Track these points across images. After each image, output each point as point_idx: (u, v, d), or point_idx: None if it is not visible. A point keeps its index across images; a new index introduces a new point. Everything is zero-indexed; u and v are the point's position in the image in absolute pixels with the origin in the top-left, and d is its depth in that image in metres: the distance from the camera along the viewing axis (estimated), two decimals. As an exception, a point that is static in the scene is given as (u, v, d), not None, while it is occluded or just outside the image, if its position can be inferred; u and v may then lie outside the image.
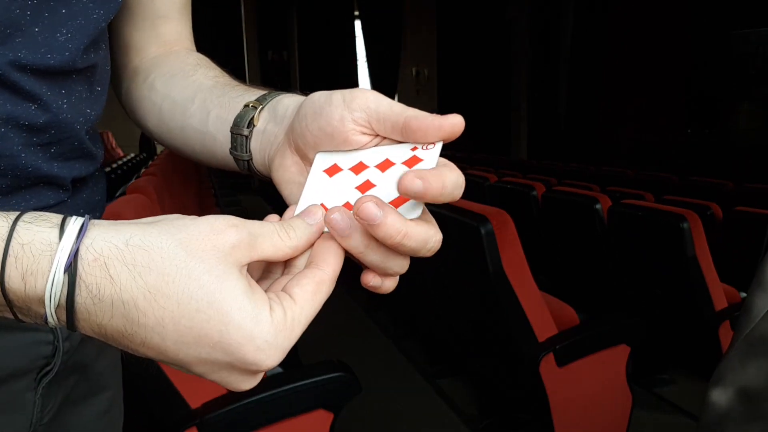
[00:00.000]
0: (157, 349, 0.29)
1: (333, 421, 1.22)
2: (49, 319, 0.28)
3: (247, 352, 0.29)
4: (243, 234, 0.30)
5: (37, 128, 0.41)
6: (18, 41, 0.38)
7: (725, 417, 0.53)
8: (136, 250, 0.28)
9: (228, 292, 0.28)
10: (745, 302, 0.54)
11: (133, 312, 0.28)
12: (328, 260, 0.33)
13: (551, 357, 1.53)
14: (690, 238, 1.82)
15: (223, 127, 0.45)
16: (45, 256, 0.27)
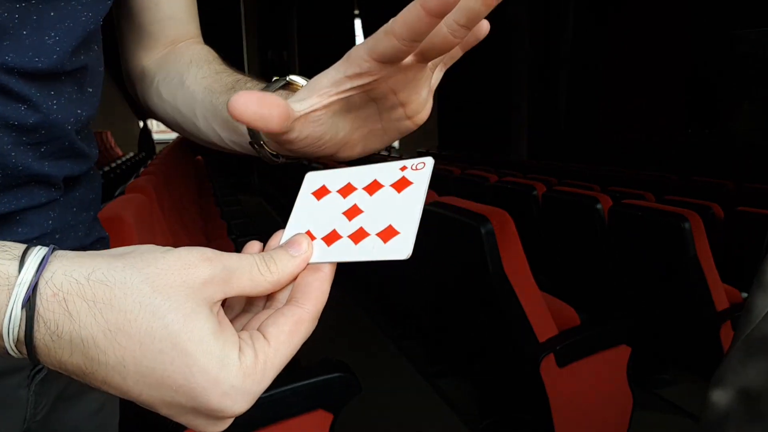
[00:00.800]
0: (119, 389, 0.28)
1: (333, 422, 1.22)
2: (10, 352, 0.27)
3: (212, 398, 0.27)
4: (217, 269, 0.28)
5: (27, 128, 0.41)
6: (5, 44, 0.38)
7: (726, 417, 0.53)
8: (98, 285, 0.26)
9: (194, 333, 0.27)
10: (746, 303, 0.54)
11: (93, 350, 0.26)
12: (309, 297, 0.31)
13: (551, 357, 1.52)
14: (691, 238, 1.81)
15: (245, 148, 0.46)
16: (3, 290, 0.26)
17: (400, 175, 0.36)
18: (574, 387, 1.60)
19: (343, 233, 0.35)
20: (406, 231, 0.34)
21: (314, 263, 0.33)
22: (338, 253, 0.34)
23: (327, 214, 0.36)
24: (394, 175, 0.37)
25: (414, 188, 0.35)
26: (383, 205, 0.35)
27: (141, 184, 1.91)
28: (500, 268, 1.51)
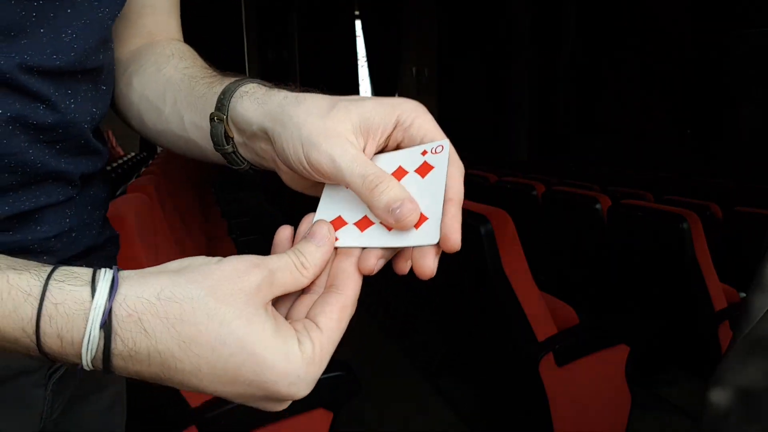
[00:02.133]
0: (195, 388, 0.30)
1: (333, 421, 1.22)
2: (85, 367, 0.29)
3: (281, 389, 0.30)
4: (264, 273, 0.31)
5: (45, 128, 0.41)
6: (23, 43, 0.38)
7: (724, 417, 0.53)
8: (168, 303, 0.29)
9: (258, 335, 0.30)
10: (744, 302, 0.54)
11: (170, 361, 0.29)
12: (348, 284, 0.34)
13: (551, 357, 1.53)
14: (690, 238, 1.82)
15: (203, 135, 0.44)
16: (79, 315, 0.28)
17: (422, 160, 0.37)
18: (572, 386, 1.60)
19: (375, 219, 0.36)
20: (432, 216, 0.34)
21: (346, 248, 0.35)
22: (370, 239, 0.35)
23: (357, 199, 0.36)
24: (416, 160, 0.37)
25: (435, 172, 0.36)
26: (410, 191, 0.35)
27: (142, 184, 1.91)
28: (500, 267, 1.51)
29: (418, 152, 0.37)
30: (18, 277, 0.28)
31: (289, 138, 0.36)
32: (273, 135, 0.38)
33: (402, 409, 2.06)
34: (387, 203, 0.33)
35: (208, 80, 0.46)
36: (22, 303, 0.28)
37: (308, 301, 0.34)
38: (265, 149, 0.41)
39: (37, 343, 0.28)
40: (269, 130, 0.38)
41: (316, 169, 0.36)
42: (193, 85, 0.46)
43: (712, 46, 5.71)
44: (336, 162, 0.35)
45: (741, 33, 5.44)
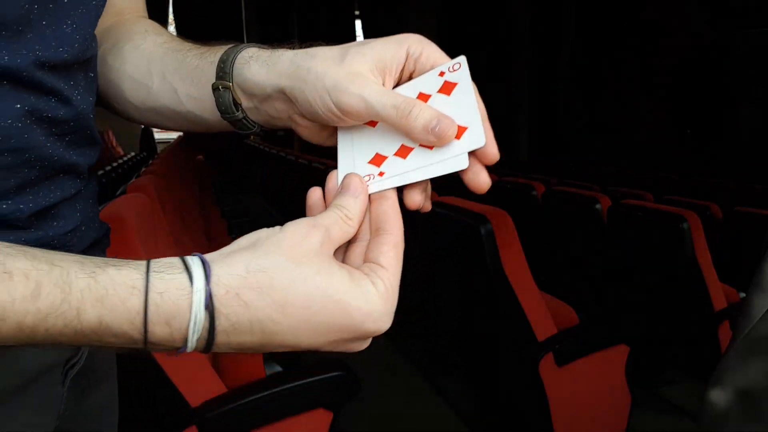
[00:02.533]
0: (292, 345, 0.33)
1: (333, 421, 1.22)
2: (187, 349, 0.32)
3: (368, 326, 0.34)
4: (322, 230, 0.34)
5: (59, 120, 0.41)
6: (30, 37, 0.38)
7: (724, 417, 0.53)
8: (257, 273, 0.32)
9: (339, 285, 0.33)
10: (744, 302, 0.54)
11: (270, 326, 0.32)
12: (393, 224, 0.37)
13: (550, 357, 1.53)
14: (690, 238, 1.82)
15: (205, 108, 0.46)
16: (183, 300, 0.30)
17: (441, 81, 0.39)
18: (572, 386, 1.60)
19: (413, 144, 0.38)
20: (472, 123, 0.37)
21: (381, 191, 0.37)
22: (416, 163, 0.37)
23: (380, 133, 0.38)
24: (435, 82, 0.39)
25: (461, 87, 0.38)
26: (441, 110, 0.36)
27: (142, 184, 1.91)
28: (500, 267, 1.51)
29: (435, 75, 0.39)
30: (119, 273, 0.30)
31: (313, 90, 0.38)
32: (294, 92, 0.40)
33: (402, 409, 2.06)
34: (424, 125, 0.36)
35: (195, 51, 0.46)
36: (128, 296, 0.30)
37: (359, 249, 0.37)
38: (280, 109, 0.43)
39: (144, 332, 0.30)
40: (288, 89, 0.40)
41: (348, 111, 0.38)
42: (181, 57, 0.47)
43: (712, 46, 5.71)
44: (367, 100, 0.37)
45: (741, 33, 5.44)
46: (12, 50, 0.36)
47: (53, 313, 0.29)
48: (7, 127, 0.37)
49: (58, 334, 0.29)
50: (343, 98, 0.37)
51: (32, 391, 0.44)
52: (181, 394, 1.08)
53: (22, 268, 0.29)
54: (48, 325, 0.29)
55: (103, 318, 0.29)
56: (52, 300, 0.28)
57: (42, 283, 0.28)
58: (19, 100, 0.38)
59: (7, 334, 0.28)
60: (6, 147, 0.38)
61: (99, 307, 0.29)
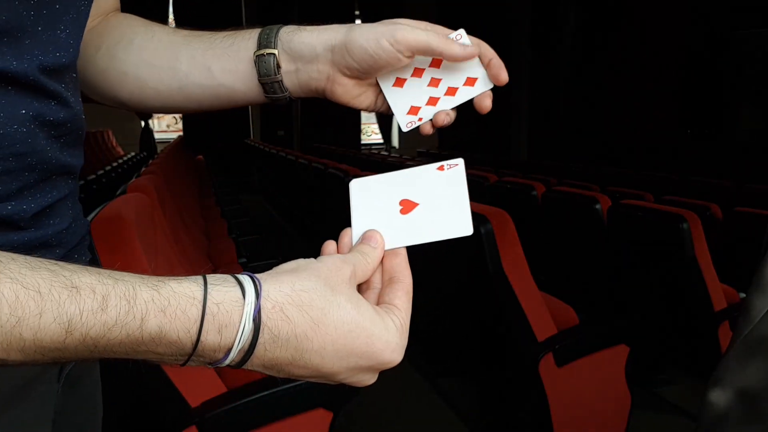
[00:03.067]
0: (314, 368, 0.36)
1: (332, 420, 1.22)
2: (226, 361, 0.34)
3: (386, 355, 0.38)
4: (350, 267, 0.39)
5: (58, 123, 0.43)
6: (28, 43, 0.39)
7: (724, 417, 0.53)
8: (301, 293, 0.35)
9: (365, 314, 0.37)
10: (744, 303, 0.54)
11: (304, 342, 0.35)
12: (404, 273, 0.42)
13: (550, 357, 1.53)
14: (689, 238, 1.82)
15: (239, 78, 0.52)
16: (236, 311, 0.33)
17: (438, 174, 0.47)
18: (572, 386, 1.60)
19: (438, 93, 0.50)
20: (479, 75, 0.50)
21: (391, 250, 0.43)
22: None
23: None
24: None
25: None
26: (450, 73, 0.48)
27: (142, 184, 1.91)
28: (500, 267, 1.51)
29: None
30: (179, 286, 0.33)
31: (366, 35, 0.48)
32: (346, 44, 0.48)
33: (402, 409, 2.06)
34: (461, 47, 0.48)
35: (220, 35, 0.53)
36: (189, 306, 0.32)
37: (372, 295, 0.42)
38: (322, 69, 0.50)
39: (197, 340, 0.32)
40: (338, 44, 0.49)
41: (403, 41, 0.47)
42: (207, 40, 0.53)
43: (712, 46, 5.71)
44: (417, 32, 0.48)
45: (741, 33, 5.44)
46: (17, 56, 0.38)
47: (119, 324, 0.30)
48: (14, 133, 0.39)
49: (117, 344, 0.31)
50: (398, 33, 0.47)
51: (34, 390, 0.45)
52: (181, 394, 1.08)
53: (88, 283, 0.30)
54: (111, 336, 0.30)
55: (163, 327, 0.31)
56: (119, 311, 0.30)
57: (109, 296, 0.30)
58: (24, 106, 0.39)
59: (69, 346, 0.30)
60: (11, 152, 0.39)
61: (161, 316, 0.31)
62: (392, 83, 0.51)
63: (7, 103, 0.38)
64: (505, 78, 0.49)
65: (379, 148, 10.64)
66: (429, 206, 0.44)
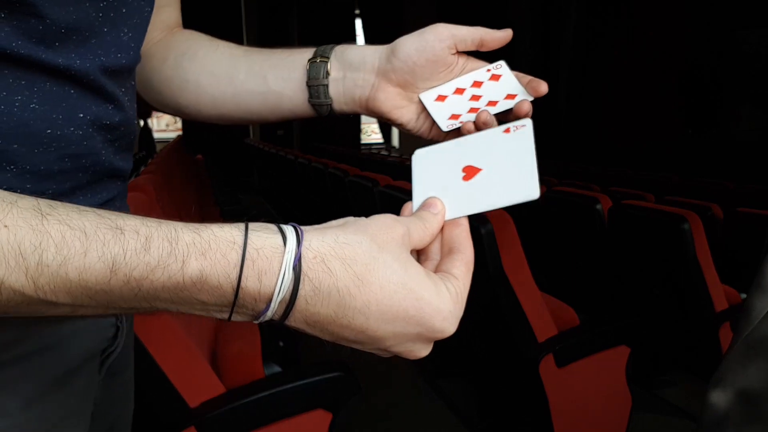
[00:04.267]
0: (358, 329, 0.34)
1: (332, 421, 1.22)
2: (268, 312, 0.33)
3: (436, 322, 0.35)
4: (404, 227, 0.37)
5: (114, 126, 0.44)
6: (93, 42, 0.40)
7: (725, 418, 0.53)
8: (345, 246, 0.34)
9: (415, 276, 0.35)
10: (745, 304, 0.54)
11: (347, 298, 0.33)
12: (464, 244, 0.40)
13: (551, 358, 1.52)
14: (690, 238, 1.81)
15: (289, 84, 0.54)
16: (276, 258, 0.32)
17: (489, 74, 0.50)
18: (573, 387, 1.60)
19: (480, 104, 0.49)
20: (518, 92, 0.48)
21: (452, 219, 0.41)
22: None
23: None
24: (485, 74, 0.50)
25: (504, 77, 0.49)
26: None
27: (141, 183, 1.91)
28: (500, 268, 1.51)
29: (483, 71, 0.51)
30: (221, 230, 0.32)
31: (411, 36, 0.49)
32: (393, 47, 0.50)
33: (401, 410, 2.06)
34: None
35: (280, 51, 0.56)
36: (229, 251, 0.31)
37: (430, 266, 0.40)
38: (367, 77, 0.52)
39: (237, 286, 0.31)
40: (386, 49, 0.51)
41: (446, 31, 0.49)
42: (267, 54, 0.56)
43: (712, 46, 5.71)
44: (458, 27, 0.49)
45: (741, 33, 5.44)
46: (81, 55, 0.39)
47: (161, 265, 0.30)
48: (70, 135, 0.40)
49: (161, 288, 0.31)
50: (440, 26, 0.49)
51: (78, 378, 0.46)
52: (180, 395, 1.07)
53: (132, 225, 0.30)
54: (154, 278, 0.30)
55: (204, 270, 0.31)
56: (161, 253, 0.30)
57: (152, 237, 0.30)
58: (83, 109, 0.40)
59: (114, 288, 0.30)
60: (67, 153, 0.40)
61: (202, 259, 0.31)
62: (434, 98, 0.51)
63: (68, 106, 0.39)
64: (544, 90, 0.49)
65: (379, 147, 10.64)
66: (493, 171, 0.42)
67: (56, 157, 0.40)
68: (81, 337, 0.46)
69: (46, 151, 0.39)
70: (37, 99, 0.38)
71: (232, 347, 1.34)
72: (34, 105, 0.38)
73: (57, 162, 0.40)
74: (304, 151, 7.50)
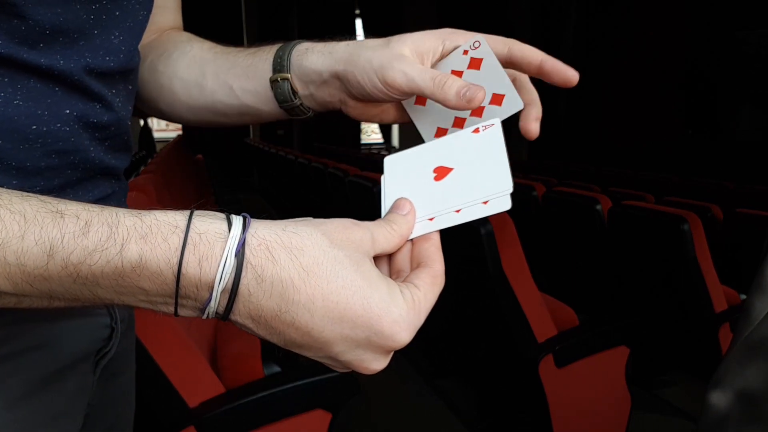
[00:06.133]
0: (304, 329, 0.32)
1: (331, 421, 1.22)
2: (211, 303, 0.32)
3: (384, 324, 0.32)
4: (365, 231, 0.35)
5: (102, 126, 0.44)
6: (81, 44, 0.40)
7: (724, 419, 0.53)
8: (292, 235, 0.32)
9: (366, 274, 0.33)
10: (745, 304, 0.54)
11: (290, 290, 0.31)
12: (433, 258, 0.38)
13: (550, 358, 1.52)
14: (690, 239, 1.81)
15: (260, 99, 0.51)
16: (218, 243, 0.31)
17: (467, 58, 0.44)
18: (572, 388, 1.60)
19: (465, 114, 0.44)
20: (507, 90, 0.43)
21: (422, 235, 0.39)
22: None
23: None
24: (462, 60, 0.45)
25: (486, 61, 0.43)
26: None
27: (141, 183, 1.91)
28: (500, 268, 1.51)
29: (460, 54, 0.44)
30: (164, 215, 0.32)
31: (364, 71, 0.44)
32: (347, 75, 0.45)
33: (401, 410, 2.06)
34: (456, 92, 0.41)
35: (244, 52, 0.52)
36: (170, 234, 0.31)
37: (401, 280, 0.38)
38: (332, 93, 0.48)
39: (178, 272, 0.30)
40: (341, 73, 0.45)
41: (393, 85, 0.43)
42: (232, 58, 0.52)
43: (712, 46, 5.71)
44: (408, 74, 0.42)
45: (741, 33, 5.44)
46: (66, 55, 0.39)
47: (99, 248, 0.29)
48: (57, 131, 0.40)
49: (100, 273, 0.30)
50: (389, 74, 0.42)
51: (69, 378, 0.46)
52: (180, 395, 1.07)
53: (73, 210, 0.30)
54: (92, 262, 0.29)
55: (144, 254, 0.30)
56: (100, 236, 0.30)
57: (92, 222, 0.30)
58: (68, 106, 0.40)
59: (53, 273, 0.29)
60: (54, 149, 0.40)
61: (141, 243, 0.30)
62: (414, 101, 0.47)
63: (53, 102, 0.39)
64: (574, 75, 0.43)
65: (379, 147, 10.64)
66: (464, 169, 0.40)
67: (42, 154, 0.40)
68: (72, 337, 0.46)
69: (32, 147, 0.39)
70: (21, 96, 0.38)
71: (232, 347, 1.34)
72: (18, 102, 0.38)
73: (43, 158, 0.40)
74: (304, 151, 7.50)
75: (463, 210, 0.39)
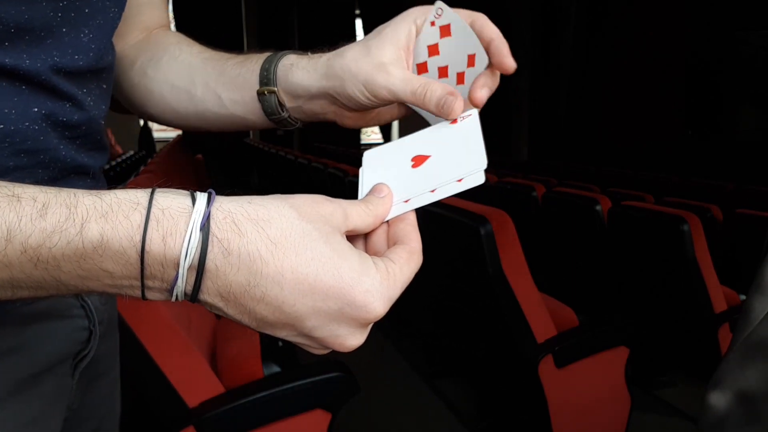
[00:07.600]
0: (274, 303, 0.31)
1: (331, 421, 1.22)
2: (179, 281, 0.31)
3: (357, 294, 0.32)
4: (338, 207, 0.35)
5: (72, 124, 0.43)
6: (48, 43, 0.39)
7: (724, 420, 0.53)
8: (258, 207, 0.32)
9: (336, 246, 0.32)
10: (744, 305, 0.54)
11: (258, 263, 0.31)
12: (409, 237, 0.37)
13: (550, 358, 1.52)
14: (690, 240, 1.81)
15: (249, 110, 0.51)
16: (182, 218, 0.30)
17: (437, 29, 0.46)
18: (572, 388, 1.60)
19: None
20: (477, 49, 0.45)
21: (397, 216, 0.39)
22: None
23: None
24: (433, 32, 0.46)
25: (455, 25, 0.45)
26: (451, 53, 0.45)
27: (141, 183, 1.91)
28: (499, 268, 1.51)
29: (428, 27, 0.46)
30: (125, 193, 0.31)
31: (353, 87, 0.45)
32: (336, 90, 0.46)
33: (400, 410, 2.06)
34: (436, 103, 0.43)
35: (233, 61, 0.52)
36: (132, 212, 0.30)
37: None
38: (324, 105, 0.49)
39: (141, 250, 0.29)
40: (330, 89, 0.46)
41: (382, 98, 0.45)
42: (220, 67, 0.52)
43: (712, 46, 5.71)
44: (391, 89, 0.44)
45: (741, 33, 5.44)
46: (32, 54, 0.38)
47: (58, 230, 0.29)
48: (25, 130, 0.39)
49: (60, 256, 0.29)
50: (376, 90, 0.44)
51: (45, 382, 0.45)
52: (179, 395, 1.07)
53: (30, 193, 0.29)
54: (51, 245, 0.29)
55: (105, 233, 0.29)
56: (58, 217, 0.29)
57: (49, 203, 0.29)
58: (36, 104, 0.40)
59: (13, 259, 0.28)
60: (23, 148, 0.39)
61: (102, 222, 0.29)
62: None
63: (20, 101, 0.39)
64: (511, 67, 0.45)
65: (380, 148, 10.63)
66: (441, 155, 0.41)
67: (11, 153, 0.39)
68: (48, 340, 0.45)
69: None
70: None
71: (231, 347, 1.34)
72: None
73: (12, 158, 0.39)
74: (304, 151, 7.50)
75: (438, 189, 0.39)
